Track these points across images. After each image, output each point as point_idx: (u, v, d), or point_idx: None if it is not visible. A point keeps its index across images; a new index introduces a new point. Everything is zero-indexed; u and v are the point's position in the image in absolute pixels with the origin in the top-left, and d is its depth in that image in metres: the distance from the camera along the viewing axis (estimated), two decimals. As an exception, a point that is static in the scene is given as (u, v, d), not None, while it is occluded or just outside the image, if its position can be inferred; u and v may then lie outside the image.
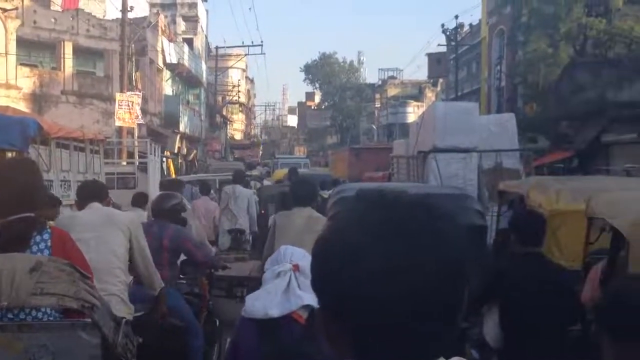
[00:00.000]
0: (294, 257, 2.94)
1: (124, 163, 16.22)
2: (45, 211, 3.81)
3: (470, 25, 43.34)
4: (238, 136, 66.00)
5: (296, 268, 2.85)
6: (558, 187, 6.64)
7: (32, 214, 2.89)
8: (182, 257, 5.75)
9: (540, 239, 4.17)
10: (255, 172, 21.83)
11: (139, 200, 8.02)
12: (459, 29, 40.54)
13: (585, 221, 4.83)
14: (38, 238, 2.93)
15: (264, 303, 2.79)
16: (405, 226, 0.96)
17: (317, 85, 74.97)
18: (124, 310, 3.97)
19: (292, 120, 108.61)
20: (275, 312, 2.74)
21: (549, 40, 30.35)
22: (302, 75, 74.04)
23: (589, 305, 3.88)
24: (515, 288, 3.98)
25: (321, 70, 71.76)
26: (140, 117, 20.66)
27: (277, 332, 2.72)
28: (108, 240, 4.21)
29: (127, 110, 19.65)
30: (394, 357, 0.96)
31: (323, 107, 79.13)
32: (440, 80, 54.65)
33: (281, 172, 20.12)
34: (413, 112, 54.85)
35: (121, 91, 20.46)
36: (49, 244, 2.94)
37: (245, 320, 2.83)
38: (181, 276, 5.91)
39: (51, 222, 3.91)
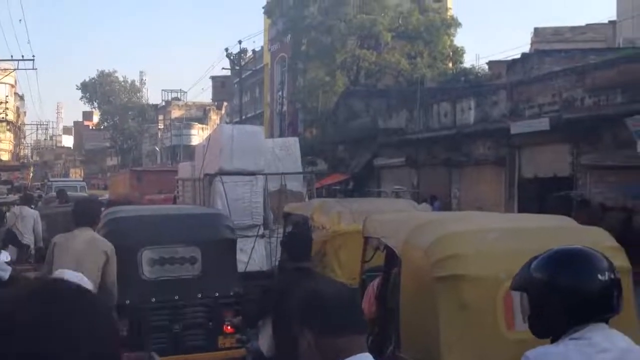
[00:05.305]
0: None
1: None
2: None
3: (254, 51, 44.56)
4: (5, 157, 60.33)
5: None
6: (339, 209, 7.09)
7: None
8: None
9: (307, 255, 4.56)
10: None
11: None
12: (242, 54, 41.38)
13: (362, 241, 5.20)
14: None
15: None
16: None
17: (96, 104, 71.72)
18: None
19: (68, 141, 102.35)
20: None
21: (326, 69, 32.23)
22: (79, 93, 70.40)
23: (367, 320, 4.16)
24: (283, 300, 4.16)
25: (100, 89, 68.74)
26: None
27: None
28: None
29: None
30: None
31: (102, 127, 75.71)
32: (225, 103, 55.26)
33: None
34: (197, 135, 54.71)
35: None
36: None
37: None
38: None
39: None
